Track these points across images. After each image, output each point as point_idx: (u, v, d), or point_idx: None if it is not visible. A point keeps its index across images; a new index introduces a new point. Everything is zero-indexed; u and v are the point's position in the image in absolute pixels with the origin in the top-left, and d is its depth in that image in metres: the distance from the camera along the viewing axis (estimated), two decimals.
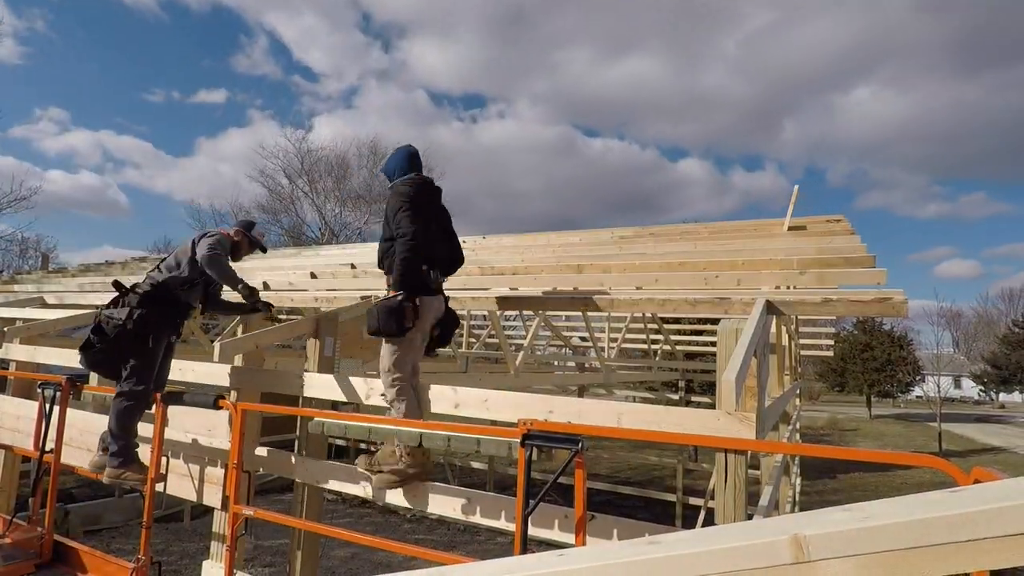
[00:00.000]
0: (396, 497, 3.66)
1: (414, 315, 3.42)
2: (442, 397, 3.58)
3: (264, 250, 4.65)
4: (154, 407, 4.04)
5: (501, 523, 3.32)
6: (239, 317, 5.01)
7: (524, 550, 2.59)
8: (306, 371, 4.25)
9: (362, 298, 5.09)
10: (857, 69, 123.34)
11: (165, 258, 4.33)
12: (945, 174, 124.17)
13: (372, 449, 3.80)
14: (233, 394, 4.36)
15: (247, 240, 4.41)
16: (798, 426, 10.01)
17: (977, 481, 1.82)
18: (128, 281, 4.37)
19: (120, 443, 4.00)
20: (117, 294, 4.15)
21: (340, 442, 14.19)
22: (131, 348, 3.97)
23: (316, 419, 3.86)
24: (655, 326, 11.90)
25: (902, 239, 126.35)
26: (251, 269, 8.90)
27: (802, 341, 11.52)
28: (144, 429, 4.36)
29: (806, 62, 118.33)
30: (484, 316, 9.07)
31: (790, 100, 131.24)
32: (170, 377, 4.45)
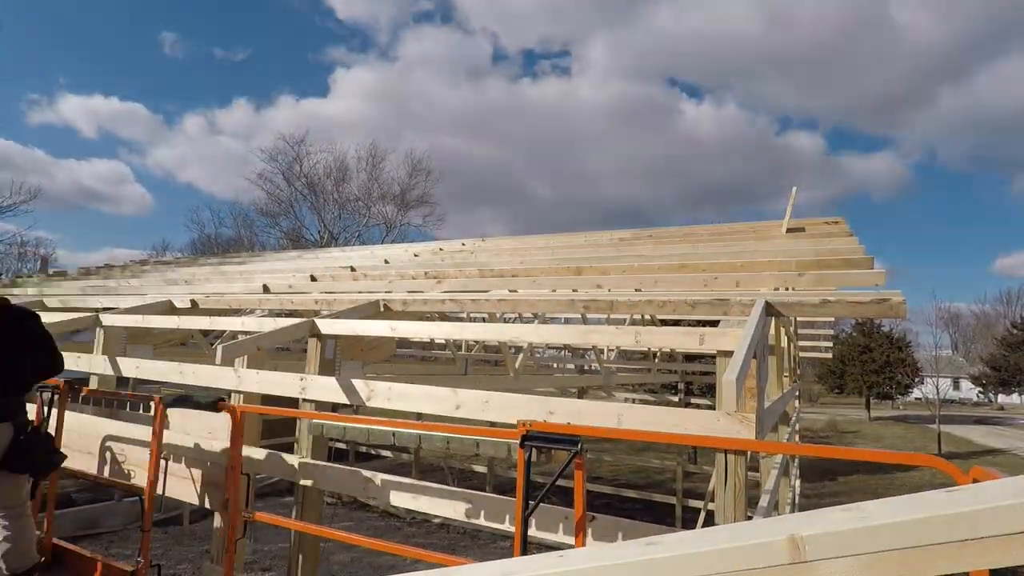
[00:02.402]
0: (397, 499, 3.66)
1: None
2: (442, 398, 3.58)
3: None
4: (153, 409, 4.04)
5: (501, 525, 3.32)
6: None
7: (524, 551, 2.59)
8: (307, 373, 4.25)
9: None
10: None
11: None
12: None
13: None
14: (233, 396, 4.36)
15: None
16: (797, 427, 10.02)
17: (976, 481, 1.82)
18: (127, 284, 4.34)
19: None
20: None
21: (340, 445, 14.19)
22: None
23: (316, 421, 3.86)
24: (655, 328, 11.90)
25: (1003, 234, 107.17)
26: (251, 272, 8.91)
27: (801, 343, 11.53)
28: (143, 432, 4.36)
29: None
30: (484, 318, 9.07)
31: (972, 56, 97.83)
32: (172, 380, 4.46)
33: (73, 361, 5.41)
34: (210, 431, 4.41)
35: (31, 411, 4.02)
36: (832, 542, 0.91)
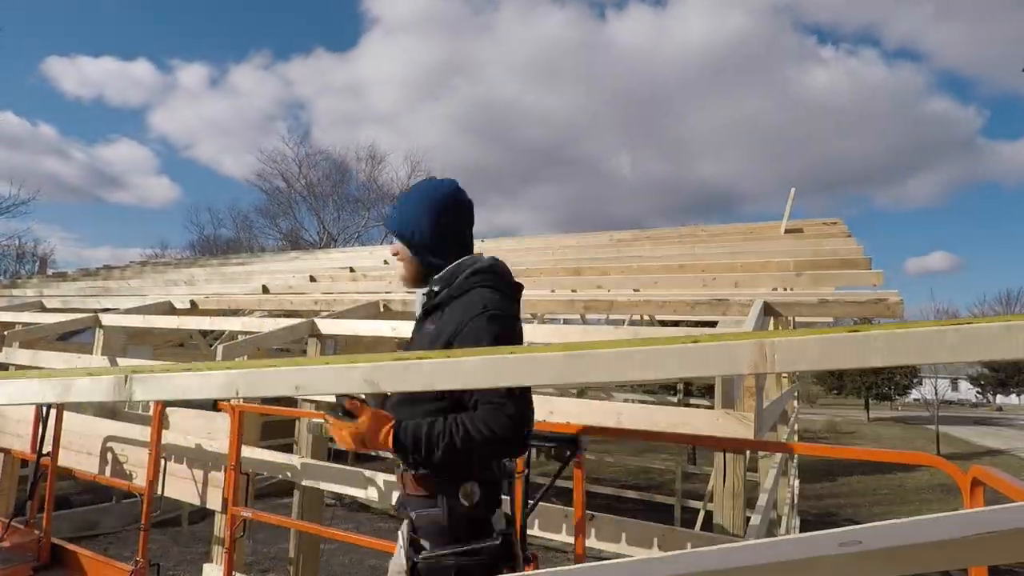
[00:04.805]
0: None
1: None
2: None
3: None
4: (152, 409, 4.05)
5: None
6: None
7: (524, 551, 2.59)
8: None
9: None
10: None
11: None
12: None
13: None
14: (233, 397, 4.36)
15: None
16: (796, 428, 10.03)
17: (975, 481, 1.83)
18: (127, 285, 4.33)
19: None
20: None
21: None
22: None
23: (316, 420, 3.87)
24: (653, 328, 11.92)
25: None
26: (251, 273, 8.92)
27: None
28: (142, 432, 4.36)
29: None
30: None
31: None
32: None
33: (73, 361, 5.41)
34: (209, 431, 4.41)
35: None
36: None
